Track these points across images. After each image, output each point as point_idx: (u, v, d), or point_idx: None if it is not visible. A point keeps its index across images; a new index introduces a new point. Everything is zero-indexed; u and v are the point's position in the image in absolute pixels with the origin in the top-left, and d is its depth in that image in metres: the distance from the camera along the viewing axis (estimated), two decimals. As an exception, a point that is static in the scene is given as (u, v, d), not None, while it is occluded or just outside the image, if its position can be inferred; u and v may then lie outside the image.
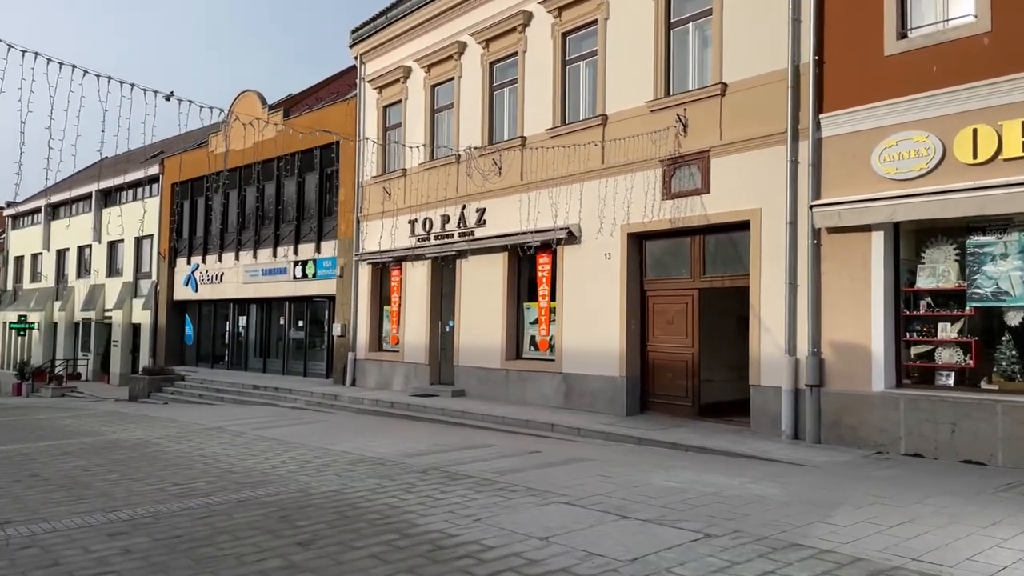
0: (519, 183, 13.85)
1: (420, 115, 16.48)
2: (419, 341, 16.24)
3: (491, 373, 14.32)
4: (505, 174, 14.13)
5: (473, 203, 14.92)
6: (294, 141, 20.54)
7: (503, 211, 13.97)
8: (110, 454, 10.14)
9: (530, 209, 13.33)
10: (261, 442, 10.96)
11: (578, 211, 12.57)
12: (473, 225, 15.00)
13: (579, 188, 12.51)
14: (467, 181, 14.72)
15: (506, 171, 14.11)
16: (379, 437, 11.21)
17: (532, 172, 13.56)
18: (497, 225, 14.26)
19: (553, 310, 13.43)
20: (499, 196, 14.11)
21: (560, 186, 12.89)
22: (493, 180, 14.23)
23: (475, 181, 14.16)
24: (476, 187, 14.47)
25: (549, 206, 13.03)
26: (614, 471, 8.01)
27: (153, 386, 20.37)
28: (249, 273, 22.10)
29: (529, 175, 13.65)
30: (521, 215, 13.51)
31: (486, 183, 14.21)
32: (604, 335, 12.10)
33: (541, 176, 13.30)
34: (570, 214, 12.75)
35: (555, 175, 12.96)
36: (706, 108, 10.87)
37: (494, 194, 14.24)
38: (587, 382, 12.38)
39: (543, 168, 13.23)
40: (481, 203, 14.64)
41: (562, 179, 12.86)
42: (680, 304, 11.43)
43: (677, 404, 11.44)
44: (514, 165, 14.03)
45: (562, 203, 12.76)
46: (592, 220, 12.24)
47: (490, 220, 14.51)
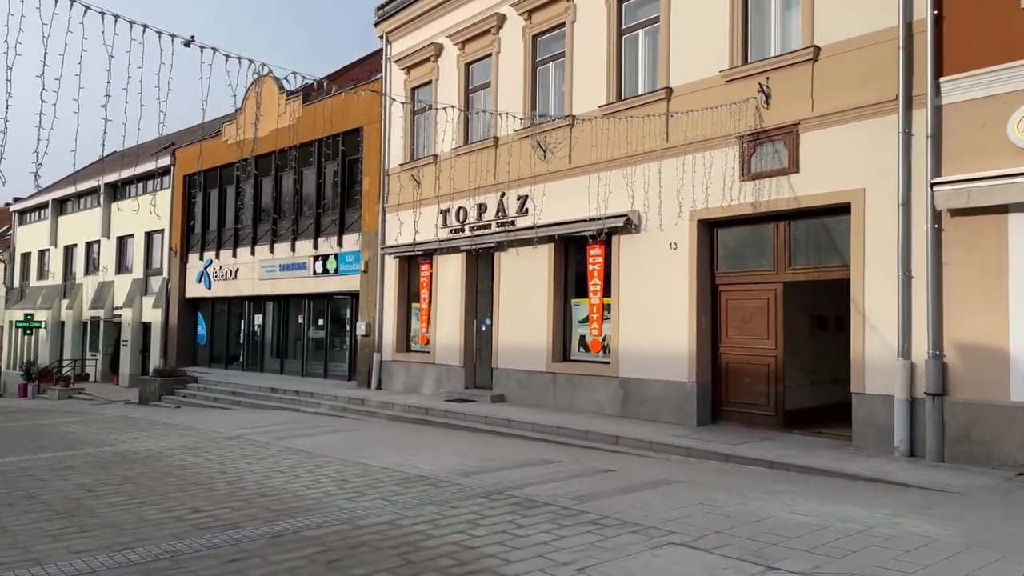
0: (567, 167, 12.55)
1: (453, 96, 15.19)
2: (452, 341, 14.96)
3: (535, 377, 13.03)
4: (551, 158, 12.83)
5: (513, 190, 13.63)
6: (314, 129, 19.35)
7: (549, 198, 12.65)
8: (118, 469, 8.90)
9: (580, 196, 12.04)
10: (288, 455, 9.70)
11: (637, 196, 11.26)
12: (514, 214, 13.71)
13: (638, 171, 11.20)
14: (507, 166, 13.42)
15: (552, 154, 12.81)
16: (419, 449, 9.94)
17: (582, 154, 12.25)
18: (541, 214, 12.95)
19: (607, 307, 12.12)
20: (544, 182, 12.79)
21: (615, 169, 11.59)
22: (537, 164, 12.92)
23: (537, 158, 12.79)
24: (519, 172, 13.17)
25: (603, 192, 11.71)
26: (716, 498, 6.70)
27: (165, 388, 19.18)
28: (266, 269, 20.88)
29: (579, 158, 12.35)
30: (570, 202, 12.23)
31: (532, 168, 12.89)
32: (669, 335, 10.79)
33: (593, 159, 11.99)
34: (627, 200, 11.44)
35: (609, 157, 11.65)
36: (793, 76, 9.54)
37: (538, 180, 12.92)
38: (649, 388, 11.06)
39: (595, 150, 11.92)
40: (523, 190, 13.34)
41: (618, 161, 11.55)
42: (760, 300, 10.10)
43: (756, 413, 10.11)
44: (561, 147, 12.73)
45: (618, 188, 11.46)
46: (654, 206, 10.92)
47: (533, 208, 13.20)
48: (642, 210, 11.30)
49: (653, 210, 10.96)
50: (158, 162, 25.62)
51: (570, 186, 12.34)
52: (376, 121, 17.46)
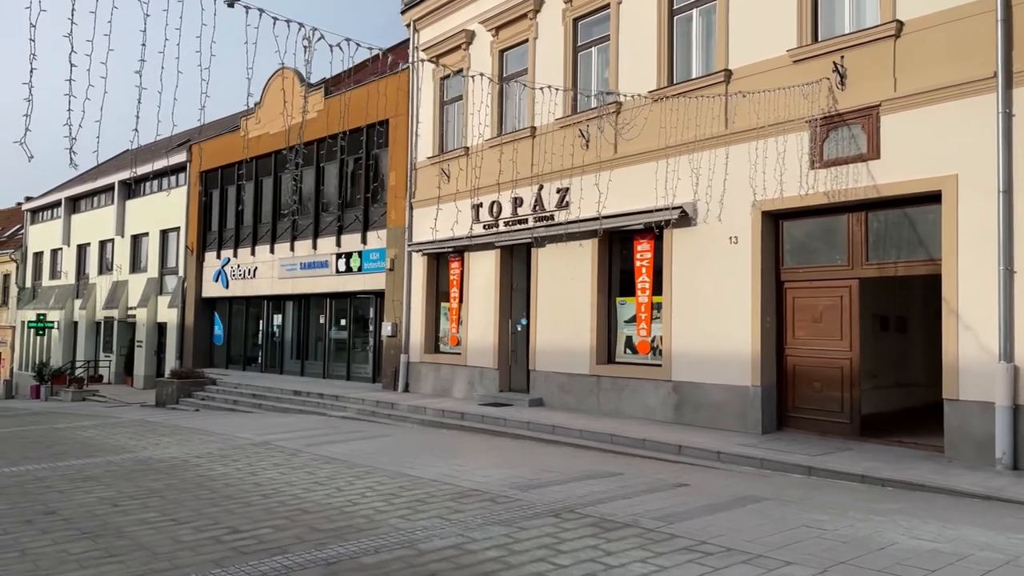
0: (612, 157, 11.82)
1: (486, 85, 14.45)
2: (485, 342, 14.24)
3: (576, 380, 12.29)
4: (594, 147, 12.10)
5: (553, 182, 12.91)
6: (336, 122, 18.65)
7: (592, 190, 11.86)
8: (143, 480, 8.23)
9: (627, 187, 11.31)
10: (323, 464, 9.01)
11: (692, 187, 10.52)
12: (553, 208, 12.98)
13: (694, 160, 10.46)
14: (546, 157, 12.70)
15: (596, 144, 12.08)
16: (464, 458, 9.22)
17: (629, 143, 11.52)
18: (584, 207, 12.21)
19: (656, 306, 11.38)
20: (586, 173, 12.02)
21: (667, 158, 10.84)
22: (579, 154, 12.19)
23: (607, 138, 12.02)
24: (559, 163, 12.43)
25: (652, 183, 11.00)
26: (819, 519, 5.95)
27: (182, 391, 18.54)
28: (286, 267, 20.22)
29: (626, 147, 11.62)
30: (615, 195, 11.47)
31: (573, 158, 12.15)
32: (729, 336, 10.03)
33: (641, 147, 11.26)
34: (681, 191, 10.69)
35: (660, 145, 10.91)
36: (872, 53, 8.78)
37: (580, 171, 12.17)
38: (705, 392, 10.32)
39: (644, 138, 11.19)
40: (563, 182, 12.62)
41: (670, 150, 10.81)
42: (832, 297, 9.34)
43: (828, 420, 9.35)
44: (606, 136, 12.00)
45: (670, 179, 10.70)
46: (712, 197, 10.17)
47: (575, 202, 12.47)
48: (698, 202, 10.56)
49: (711, 201, 10.21)
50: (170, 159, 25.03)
51: (616, 177, 11.57)
52: (403, 113, 16.78)
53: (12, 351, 34.72)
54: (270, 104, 20.97)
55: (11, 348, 34.92)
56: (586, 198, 12.03)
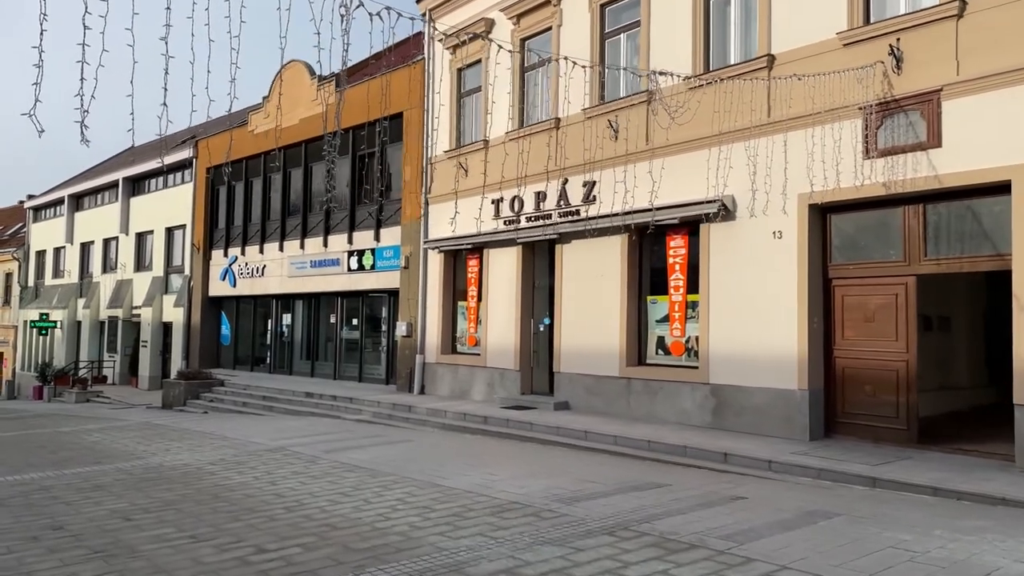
0: (644, 148, 11.27)
1: (506, 76, 13.95)
2: (506, 342, 13.70)
3: (605, 382, 11.75)
4: (623, 138, 11.56)
5: (578, 176, 12.36)
6: (347, 116, 18.10)
7: (621, 184, 11.35)
8: (156, 490, 7.70)
9: (660, 181, 10.74)
10: (346, 472, 8.48)
11: (732, 179, 9.96)
12: (579, 202, 12.44)
13: (733, 150, 9.90)
14: (571, 150, 12.14)
15: (625, 134, 11.54)
16: (496, 466, 8.68)
17: (662, 134, 10.96)
18: (612, 201, 11.67)
19: (691, 305, 10.84)
20: (615, 166, 11.50)
21: (703, 149, 10.31)
22: (607, 146, 11.65)
23: (608, 139, 11.54)
24: (585, 156, 11.87)
25: (687, 175, 10.46)
26: (903, 539, 5.41)
27: (190, 392, 18.01)
28: (295, 265, 19.69)
29: (658, 137, 11.06)
30: (647, 188, 10.91)
31: (601, 151, 11.60)
32: (772, 337, 9.49)
33: (676, 138, 10.71)
34: (719, 183, 10.16)
35: (696, 136, 10.37)
36: (931, 35, 8.23)
37: (607, 163, 11.64)
38: (747, 396, 9.77)
39: (678, 128, 10.62)
40: (590, 175, 12.07)
41: (706, 140, 10.27)
42: (886, 296, 8.78)
43: (882, 427, 8.79)
44: (636, 126, 11.46)
45: (707, 170, 10.17)
46: (753, 190, 9.62)
47: (602, 196, 11.94)
48: (737, 194, 10.02)
49: (752, 195, 9.65)
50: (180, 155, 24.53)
51: (647, 170, 11.02)
52: (418, 106, 16.24)
53: (14, 351, 34.23)
54: (279, 97, 20.44)
55: (13, 348, 34.42)
56: (613, 192, 11.51)
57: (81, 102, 3.93)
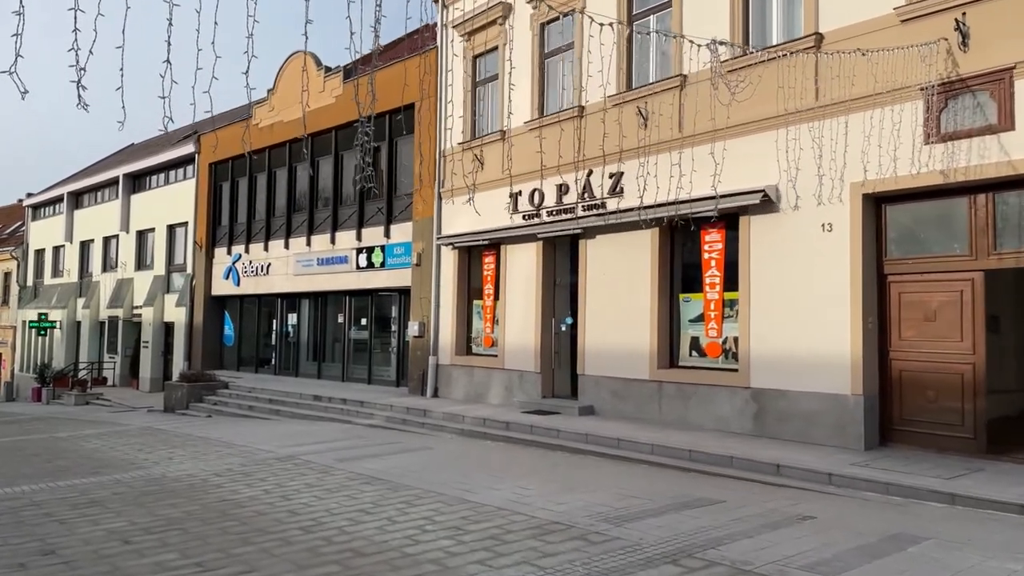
0: (676, 136, 10.59)
1: (525, 62, 13.27)
2: (525, 343, 13.02)
3: (634, 386, 11.07)
4: (653, 126, 10.88)
5: (605, 167, 11.66)
6: (356, 108, 17.44)
7: (652, 175, 10.67)
8: (158, 506, 7.03)
9: (694, 170, 10.03)
10: (363, 485, 7.81)
11: (775, 168, 9.28)
12: (604, 195, 11.76)
13: (777, 137, 9.21)
14: (597, 139, 11.45)
15: (656, 122, 10.87)
16: (527, 479, 7.99)
17: (697, 120, 10.28)
18: (641, 193, 10.99)
19: (729, 303, 10.15)
20: (643, 156, 10.79)
21: (743, 136, 9.62)
22: (635, 135, 10.95)
23: (638, 127, 10.84)
24: (612, 146, 11.19)
25: (724, 164, 9.73)
26: (1012, 569, 4.74)
27: (192, 395, 17.34)
28: (302, 263, 19.01)
29: (692, 124, 10.38)
30: (680, 178, 10.23)
31: (629, 139, 10.90)
32: (822, 337, 8.80)
33: (712, 124, 9.97)
34: (761, 173, 9.48)
35: (735, 122, 9.64)
36: (1004, 9, 7.54)
37: (635, 153, 10.89)
38: (793, 401, 9.09)
39: (714, 113, 9.93)
40: (617, 166, 11.37)
41: (747, 126, 9.59)
42: (949, 293, 8.10)
43: (945, 435, 8.09)
44: (667, 113, 10.78)
45: (746, 159, 9.49)
46: (800, 179, 8.93)
47: (629, 187, 11.26)
48: (781, 184, 9.33)
49: (798, 184, 8.97)
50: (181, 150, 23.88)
51: (680, 159, 10.32)
52: (430, 96, 15.56)
53: (13, 352, 33.59)
54: (284, 90, 19.78)
55: (12, 349, 33.78)
56: (643, 183, 10.82)
57: (76, 59, 3.28)
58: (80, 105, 3.27)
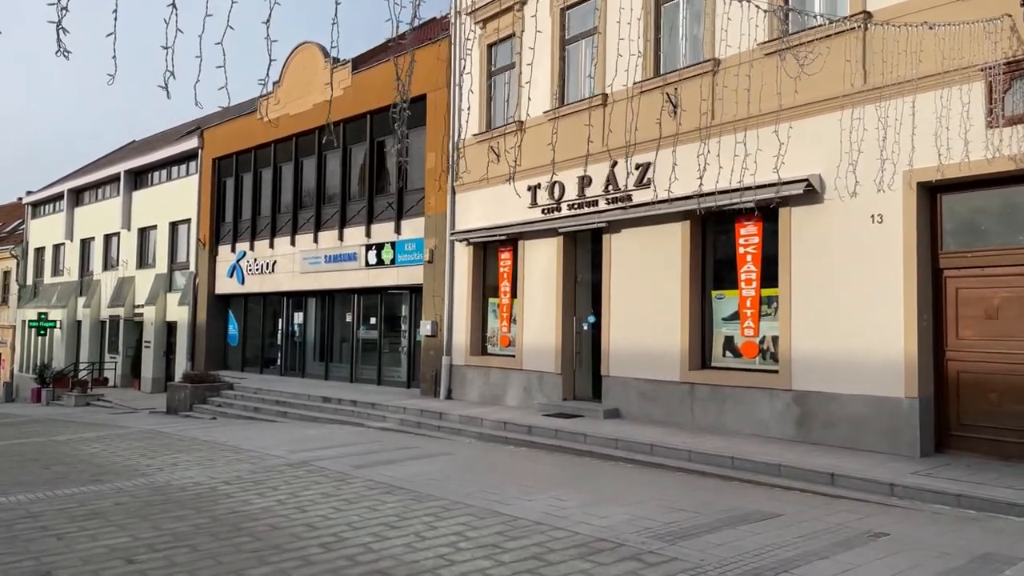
0: (709, 124, 9.98)
1: (545, 49, 12.71)
2: (545, 342, 12.46)
3: (663, 388, 10.51)
4: (683, 114, 10.32)
5: (630, 157, 11.06)
6: (365, 100, 16.94)
7: (681, 166, 10.04)
8: (164, 518, 6.47)
9: (727, 159, 9.49)
10: (384, 495, 7.25)
11: (818, 157, 8.74)
12: (630, 187, 11.20)
13: (820, 123, 8.69)
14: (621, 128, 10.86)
15: (686, 109, 10.30)
16: (559, 488, 7.43)
17: (731, 107, 9.73)
18: (670, 184, 10.42)
19: (767, 300, 9.59)
20: (673, 145, 10.22)
21: (782, 123, 9.00)
22: (664, 123, 10.38)
23: (667, 115, 10.27)
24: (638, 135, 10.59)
25: (761, 152, 9.19)
26: None
27: (196, 396, 16.78)
28: (308, 261, 18.46)
29: (726, 111, 9.83)
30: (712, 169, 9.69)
31: (657, 128, 10.35)
32: (871, 336, 8.24)
33: (747, 111, 9.46)
34: (803, 161, 8.92)
35: (773, 108, 9.06)
36: (1077, -19, 6.99)
37: (664, 143, 10.36)
38: (840, 404, 8.52)
39: (751, 99, 9.38)
40: (644, 156, 10.82)
41: (785, 113, 9.01)
42: (1014, 288, 7.54)
43: (1010, 441, 7.51)
44: (698, 100, 10.20)
45: (787, 146, 8.87)
46: (847, 167, 8.37)
47: (658, 179, 10.71)
48: (825, 173, 8.77)
49: (845, 173, 8.41)
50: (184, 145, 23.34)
51: (713, 147, 9.76)
52: (442, 87, 15.01)
53: (12, 352, 33.06)
54: (290, 83, 19.23)
55: (11, 349, 33.26)
56: (670, 175, 10.23)
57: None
58: (59, 52, 2.74)
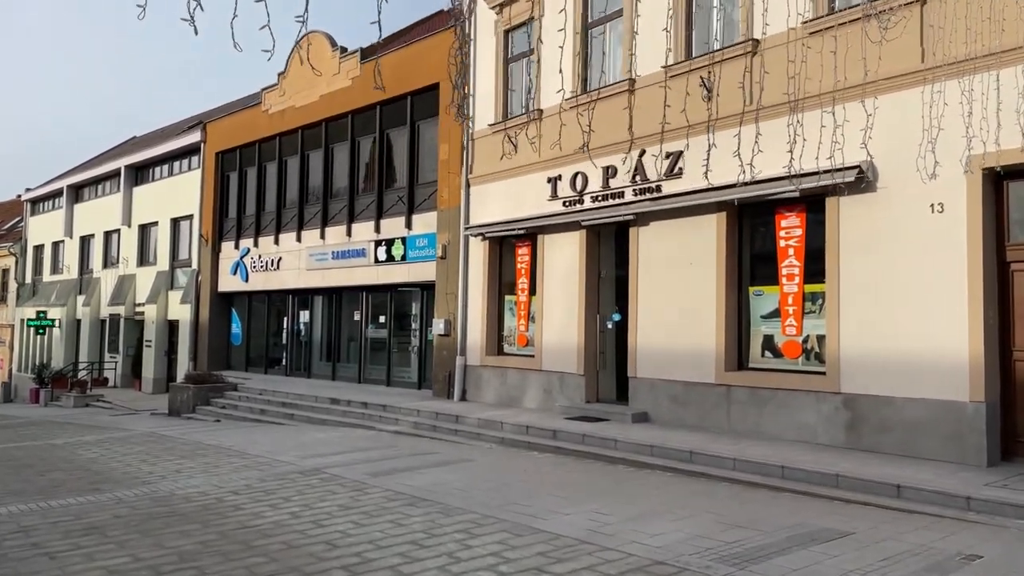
0: (748, 108, 9.32)
1: (568, 33, 12.09)
2: (566, 341, 11.84)
3: (696, 390, 9.90)
4: (719, 98, 9.69)
5: (660, 146, 10.46)
6: (374, 91, 16.31)
7: (716, 154, 9.46)
8: (168, 534, 5.86)
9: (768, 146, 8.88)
10: (406, 507, 6.64)
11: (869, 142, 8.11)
12: (660, 176, 10.59)
13: (873, 105, 8.05)
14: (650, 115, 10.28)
15: (720, 94, 9.68)
16: (597, 499, 6.81)
17: (771, 90, 9.09)
18: (703, 174, 9.83)
19: (810, 297, 8.98)
20: (707, 132, 9.60)
21: (828, 106, 8.41)
22: (697, 109, 9.77)
23: (700, 100, 9.62)
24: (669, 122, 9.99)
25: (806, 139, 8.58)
26: None
27: (199, 397, 16.18)
28: (315, 257, 17.85)
29: (766, 95, 9.16)
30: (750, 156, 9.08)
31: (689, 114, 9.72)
32: (930, 335, 7.63)
33: (791, 94, 8.84)
34: (851, 147, 8.29)
35: (819, 91, 8.47)
36: None
37: (697, 130, 9.75)
38: (896, 409, 7.91)
39: (794, 81, 8.70)
40: (674, 144, 10.18)
41: (831, 95, 8.39)
42: (1092, 282, 6.95)
43: (1087, 448, 6.95)
44: (735, 83, 9.56)
45: (835, 131, 8.27)
46: (902, 153, 7.78)
47: (690, 168, 10.12)
48: (878, 160, 8.15)
49: (900, 159, 7.81)
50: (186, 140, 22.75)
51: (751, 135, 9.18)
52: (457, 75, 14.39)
53: (11, 351, 32.46)
54: (296, 73, 18.62)
55: (10, 348, 32.66)
56: (707, 163, 9.65)
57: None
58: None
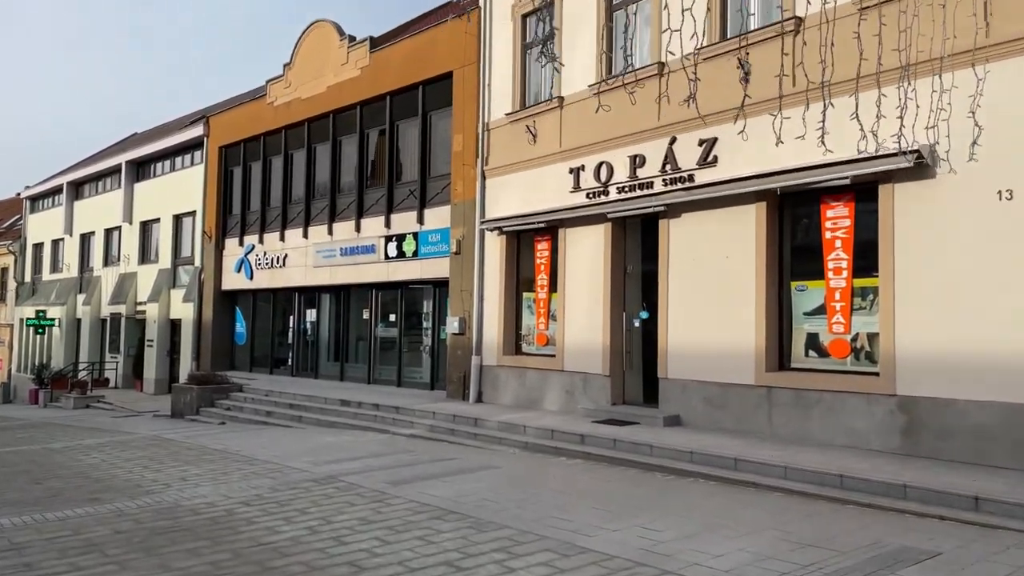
0: (789, 92, 8.76)
1: (590, 15, 11.53)
2: (590, 340, 11.25)
3: (734, 392, 9.30)
4: (756, 81, 9.11)
5: (692, 133, 9.94)
6: (384, 81, 15.76)
7: (753, 140, 8.90)
8: (173, 553, 5.28)
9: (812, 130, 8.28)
10: (434, 520, 6.06)
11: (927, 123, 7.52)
12: (693, 166, 9.99)
13: (928, 85, 7.46)
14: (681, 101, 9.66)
15: (758, 76, 9.09)
16: (643, 512, 6.22)
17: (817, 71, 8.45)
18: (741, 162, 9.29)
19: (859, 292, 8.39)
20: (743, 118, 9.05)
21: (881, 87, 7.84)
22: (733, 93, 9.18)
23: (738, 83, 9.05)
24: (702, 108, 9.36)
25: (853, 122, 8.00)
26: None
27: (203, 399, 15.61)
28: (322, 254, 17.26)
29: (811, 77, 8.53)
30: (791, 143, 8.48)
31: (724, 99, 9.17)
32: (999, 332, 7.02)
33: (839, 75, 8.21)
34: (908, 130, 7.70)
35: (869, 71, 7.84)
36: None
37: (732, 115, 9.13)
38: (958, 412, 7.31)
39: (840, 62, 8.16)
40: (708, 131, 9.63)
41: (884, 75, 7.82)
42: None
43: None
44: (776, 65, 8.95)
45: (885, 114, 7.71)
46: (964, 135, 7.18)
47: (727, 156, 9.54)
48: (938, 144, 7.56)
49: (962, 142, 7.22)
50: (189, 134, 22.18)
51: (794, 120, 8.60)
52: (471, 63, 13.81)
53: (10, 351, 31.92)
54: (303, 64, 18.06)
55: (9, 348, 32.12)
56: (744, 150, 9.07)
57: None
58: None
